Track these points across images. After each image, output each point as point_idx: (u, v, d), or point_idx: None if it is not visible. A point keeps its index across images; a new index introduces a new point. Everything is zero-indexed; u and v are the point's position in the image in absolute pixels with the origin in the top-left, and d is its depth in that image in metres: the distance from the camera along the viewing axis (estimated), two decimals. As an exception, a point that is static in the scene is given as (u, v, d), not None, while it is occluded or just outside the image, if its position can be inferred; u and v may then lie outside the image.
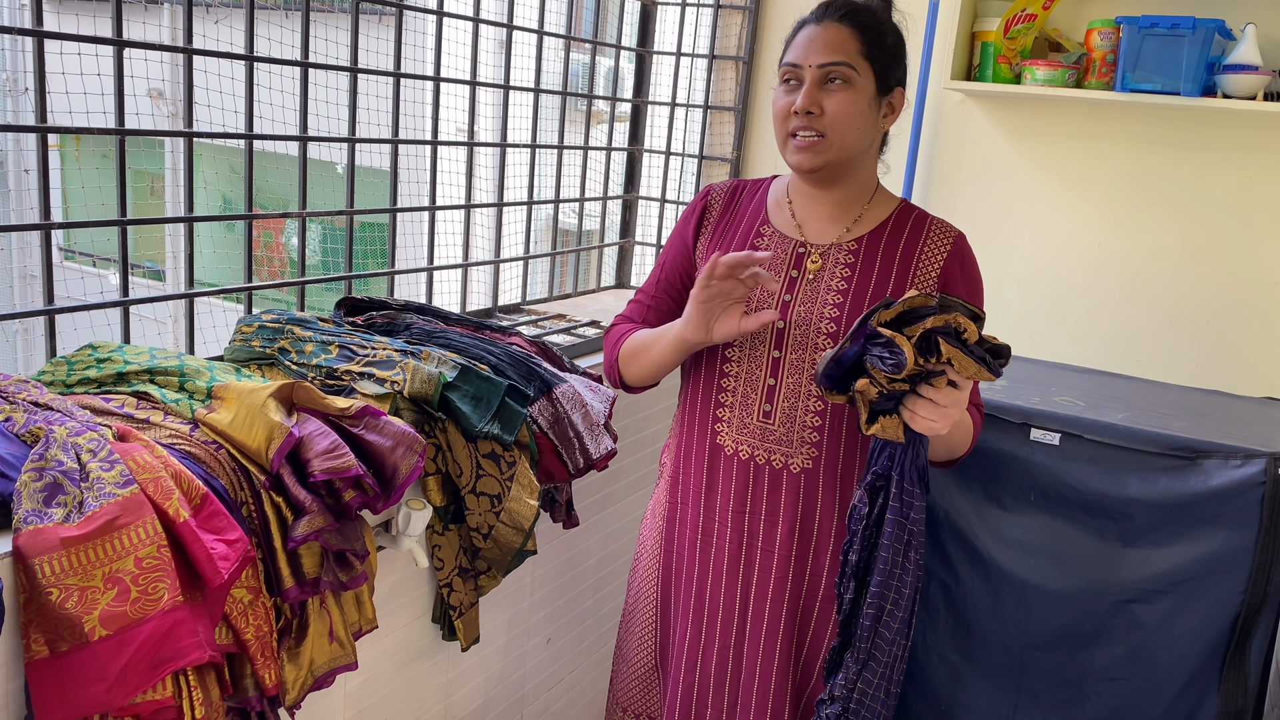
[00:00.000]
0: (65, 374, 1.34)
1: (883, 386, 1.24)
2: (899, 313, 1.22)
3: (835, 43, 1.41)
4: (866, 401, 1.27)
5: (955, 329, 1.20)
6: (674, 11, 2.72)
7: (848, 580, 1.36)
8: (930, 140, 2.55)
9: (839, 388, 1.29)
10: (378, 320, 1.70)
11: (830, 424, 1.46)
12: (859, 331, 1.25)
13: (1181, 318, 2.35)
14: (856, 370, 1.27)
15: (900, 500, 1.33)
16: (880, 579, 1.33)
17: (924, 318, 1.20)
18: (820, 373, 1.28)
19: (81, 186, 1.83)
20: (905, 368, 1.20)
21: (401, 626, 1.61)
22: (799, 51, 1.43)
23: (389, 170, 1.96)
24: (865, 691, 1.36)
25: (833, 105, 1.40)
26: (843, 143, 1.42)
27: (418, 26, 2.05)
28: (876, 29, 1.43)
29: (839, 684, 1.37)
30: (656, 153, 2.78)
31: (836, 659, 1.39)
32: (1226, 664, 1.54)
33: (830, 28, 1.42)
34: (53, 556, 0.99)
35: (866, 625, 1.34)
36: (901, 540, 1.33)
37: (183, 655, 1.03)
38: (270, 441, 1.21)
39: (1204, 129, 2.28)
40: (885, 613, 1.34)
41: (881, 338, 1.22)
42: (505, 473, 1.53)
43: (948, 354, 1.19)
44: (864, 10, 1.44)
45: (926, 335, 1.21)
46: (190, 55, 1.53)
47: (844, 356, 1.26)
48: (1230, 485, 1.51)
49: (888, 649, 1.35)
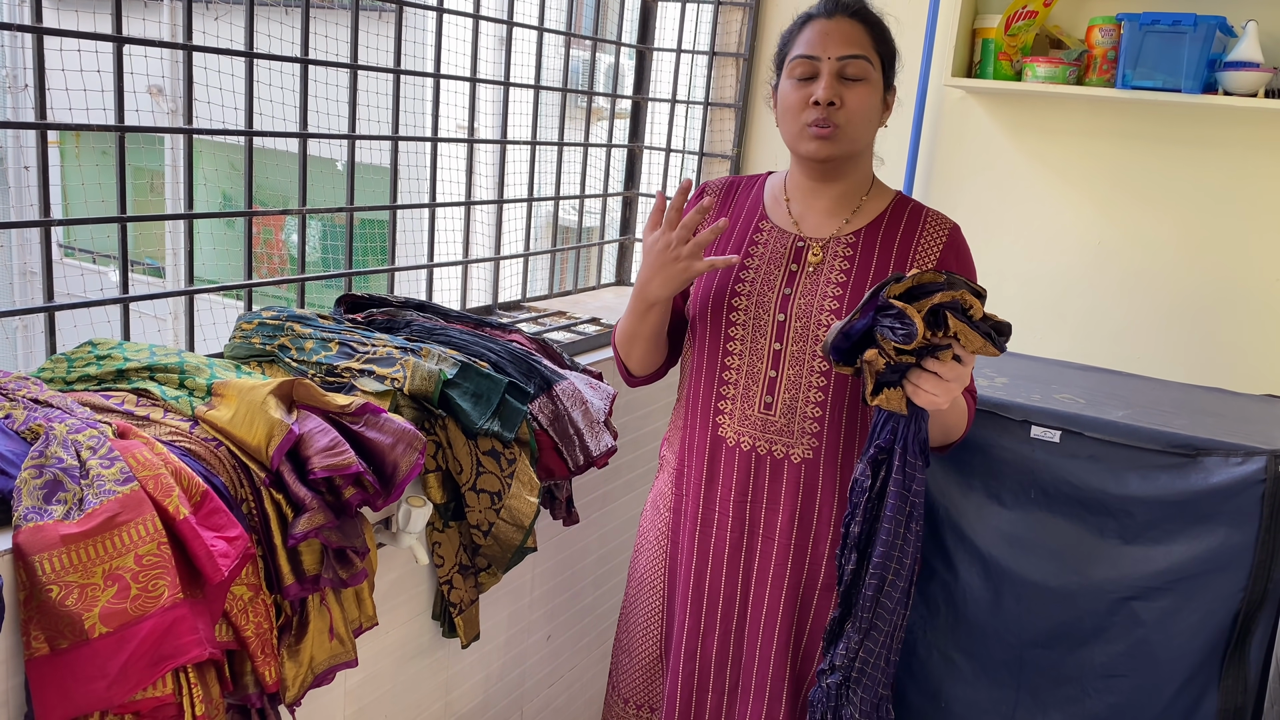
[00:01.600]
0: (65, 371, 1.34)
1: (890, 358, 1.27)
2: (908, 287, 1.26)
3: (852, 37, 1.44)
4: (873, 372, 1.30)
5: (962, 305, 1.24)
6: (674, 8, 2.72)
7: (849, 552, 1.39)
8: (931, 137, 2.54)
9: (846, 359, 1.32)
10: (378, 317, 1.70)
11: (830, 414, 1.48)
12: (869, 304, 1.27)
13: (1182, 315, 2.35)
14: (864, 343, 1.30)
15: (903, 473, 1.36)
16: (883, 550, 1.36)
17: (932, 293, 1.24)
18: (829, 344, 1.31)
19: (81, 183, 1.83)
20: (915, 339, 1.23)
21: (402, 623, 1.61)
22: (814, 45, 1.44)
23: (389, 167, 1.96)
24: (866, 660, 1.39)
25: (853, 98, 1.43)
26: (857, 135, 1.45)
27: (418, 23, 2.04)
28: (883, 28, 1.48)
29: (840, 653, 1.40)
30: (657, 149, 2.78)
31: (837, 629, 1.42)
32: (1226, 661, 1.54)
33: (843, 22, 1.44)
34: (53, 553, 0.99)
35: (869, 596, 1.38)
36: (904, 512, 1.36)
37: (183, 652, 1.03)
38: (270, 439, 1.21)
39: (1205, 126, 2.28)
40: (887, 583, 1.37)
41: (892, 309, 1.25)
42: (505, 470, 1.53)
43: (955, 328, 1.23)
44: (870, 9, 1.48)
45: (935, 309, 1.24)
46: (190, 52, 1.53)
47: (853, 329, 1.29)
48: (1230, 482, 1.51)
49: (889, 618, 1.38)
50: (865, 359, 1.29)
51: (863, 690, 1.40)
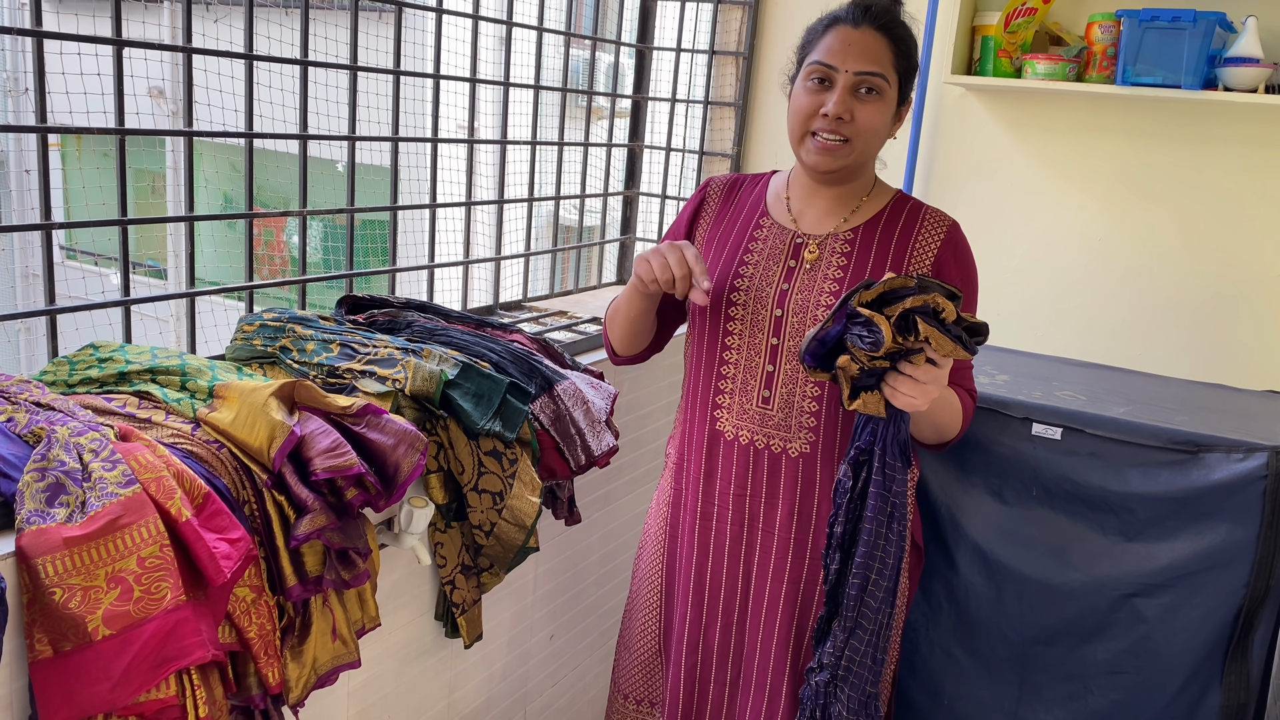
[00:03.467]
0: (67, 374, 1.34)
1: (863, 364, 1.29)
2: (879, 293, 1.26)
3: (873, 52, 1.40)
4: (848, 378, 1.31)
5: (934, 309, 1.24)
6: (674, 7, 2.72)
7: (833, 551, 1.41)
8: (931, 134, 2.54)
9: (823, 365, 1.33)
10: (379, 318, 1.70)
11: (828, 409, 1.48)
12: (840, 312, 1.29)
13: (1183, 311, 2.35)
14: (839, 349, 1.31)
15: (883, 474, 1.37)
16: (865, 549, 1.38)
17: (903, 298, 1.25)
18: (804, 350, 1.32)
19: (82, 187, 1.83)
20: (883, 345, 1.24)
21: (404, 624, 1.61)
22: (834, 54, 1.41)
23: (389, 167, 1.96)
24: (852, 659, 1.41)
25: (864, 114, 1.41)
26: (863, 149, 1.44)
27: (417, 24, 2.05)
28: (907, 41, 1.44)
29: (827, 652, 1.42)
30: (657, 149, 2.78)
31: (824, 628, 1.44)
32: (1229, 658, 1.54)
33: (868, 35, 1.41)
34: (56, 556, 0.99)
35: (852, 595, 1.39)
36: (884, 512, 1.38)
37: (186, 654, 1.03)
38: (272, 440, 1.21)
39: (1205, 122, 2.28)
40: (870, 582, 1.39)
41: (861, 317, 1.26)
42: (507, 470, 1.54)
43: (925, 333, 1.24)
44: (899, 22, 1.44)
45: (905, 315, 1.25)
46: (190, 54, 1.53)
47: (827, 336, 1.30)
48: (1232, 479, 1.51)
49: (873, 617, 1.40)
50: (839, 366, 1.30)
51: (849, 688, 1.42)
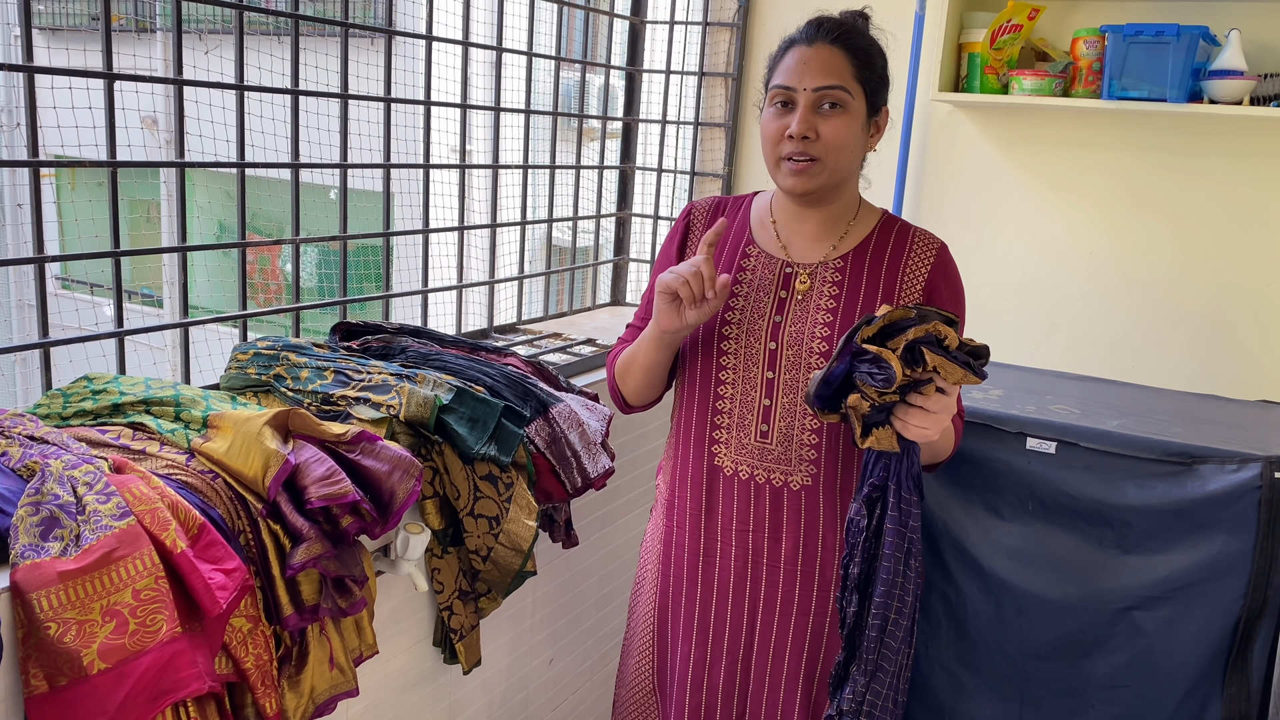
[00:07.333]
0: (61, 406, 1.34)
1: (874, 400, 1.27)
2: (880, 328, 1.25)
3: (829, 66, 1.40)
4: (859, 416, 1.29)
5: (936, 337, 1.23)
6: (663, 30, 2.74)
7: (850, 594, 1.37)
8: (920, 151, 2.56)
9: (830, 406, 1.31)
10: (373, 344, 1.70)
11: (827, 441, 1.47)
12: (844, 350, 1.27)
13: (1175, 322, 2.36)
14: (845, 387, 1.29)
15: (899, 509, 1.34)
16: (884, 589, 1.35)
17: (905, 329, 1.24)
18: (811, 394, 1.30)
19: (75, 220, 1.83)
20: (895, 381, 1.23)
21: (402, 651, 1.61)
22: (791, 74, 1.41)
23: (382, 193, 1.97)
24: (874, 703, 1.37)
25: (829, 130, 1.40)
26: (836, 166, 1.42)
27: (408, 51, 2.06)
28: (867, 51, 1.43)
29: (847, 698, 1.38)
30: (648, 170, 2.80)
31: (842, 672, 1.40)
32: (1229, 669, 1.54)
33: (823, 50, 1.40)
34: (50, 590, 0.99)
35: (873, 636, 1.35)
36: (902, 549, 1.35)
37: (182, 686, 1.03)
38: (267, 469, 1.21)
39: (1191, 134, 2.30)
40: (890, 622, 1.35)
41: (867, 354, 1.24)
42: (503, 494, 1.53)
43: (933, 362, 1.23)
44: (855, 32, 1.43)
45: (910, 346, 1.24)
46: (181, 86, 1.54)
47: (832, 375, 1.28)
48: (1227, 490, 1.51)
49: (894, 658, 1.36)
50: (849, 405, 1.28)
51: None
